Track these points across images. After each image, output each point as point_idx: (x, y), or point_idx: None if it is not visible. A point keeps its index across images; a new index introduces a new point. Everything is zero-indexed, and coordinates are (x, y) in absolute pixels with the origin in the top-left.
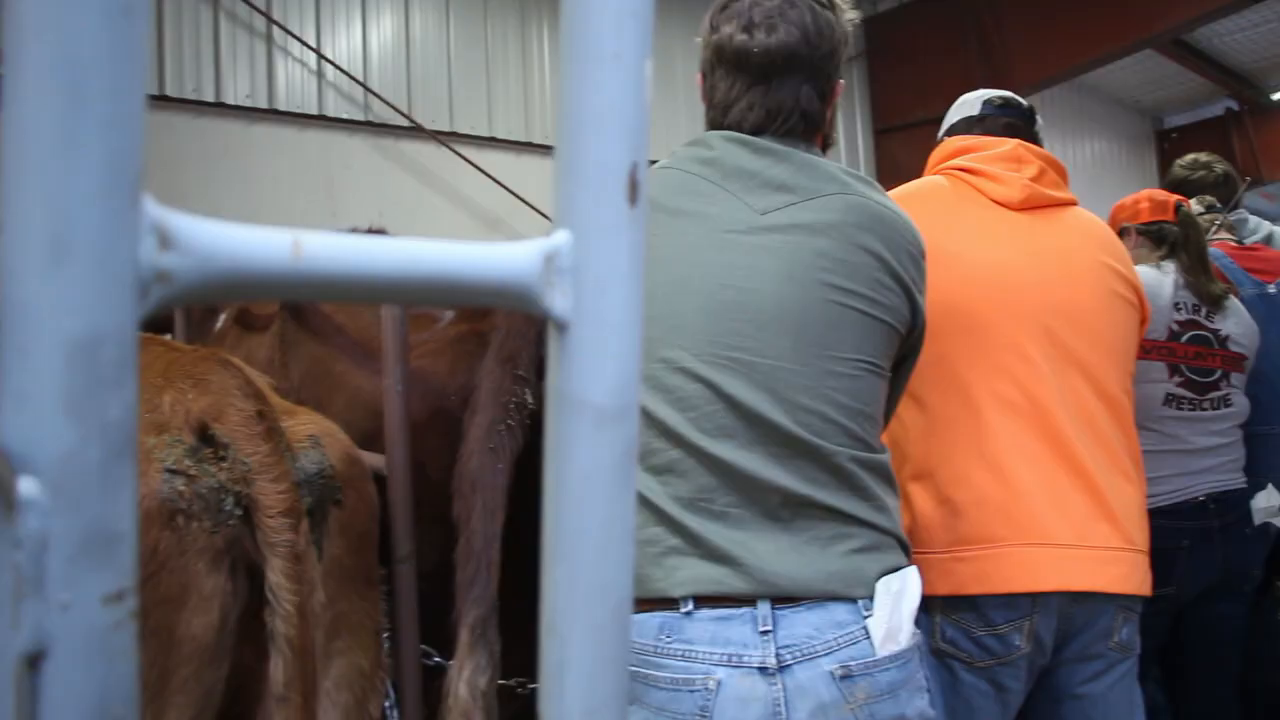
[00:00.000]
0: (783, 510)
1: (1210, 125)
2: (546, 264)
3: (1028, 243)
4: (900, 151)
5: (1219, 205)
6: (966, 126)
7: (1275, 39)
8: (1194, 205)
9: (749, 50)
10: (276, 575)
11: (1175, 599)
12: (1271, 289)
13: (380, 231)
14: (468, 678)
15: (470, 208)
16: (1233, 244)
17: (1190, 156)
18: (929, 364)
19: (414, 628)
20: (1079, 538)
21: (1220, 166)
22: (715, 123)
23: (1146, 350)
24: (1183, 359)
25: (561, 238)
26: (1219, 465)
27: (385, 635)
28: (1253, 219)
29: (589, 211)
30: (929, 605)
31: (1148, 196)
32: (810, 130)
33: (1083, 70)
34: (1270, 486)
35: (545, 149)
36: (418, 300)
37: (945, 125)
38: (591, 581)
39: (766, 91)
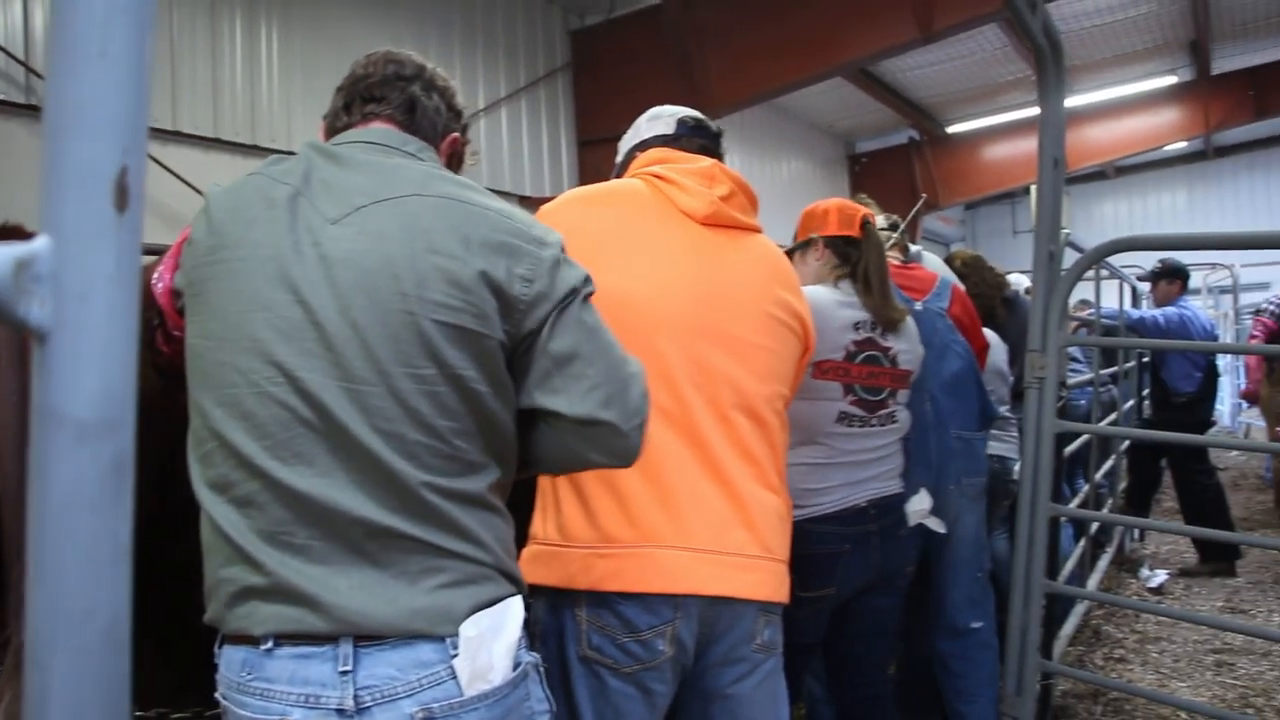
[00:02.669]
0: (368, 543)
1: (896, 152)
2: (19, 271)
3: (702, 257)
4: (604, 163)
5: (901, 224)
6: (662, 144)
7: (949, 77)
8: (881, 220)
9: (375, 71)
10: None
11: (835, 597)
12: (918, 306)
13: (15, 230)
14: (5, 707)
15: (152, 206)
16: (895, 262)
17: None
18: None
19: None
20: (717, 543)
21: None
22: (331, 129)
23: (824, 371)
24: (857, 379)
25: (40, 243)
26: (881, 474)
27: None
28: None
29: (72, 216)
30: (574, 608)
31: (838, 208)
32: (411, 119)
33: (779, 93)
34: (922, 491)
35: (236, 146)
36: None
37: (636, 138)
38: (76, 605)
39: (377, 90)
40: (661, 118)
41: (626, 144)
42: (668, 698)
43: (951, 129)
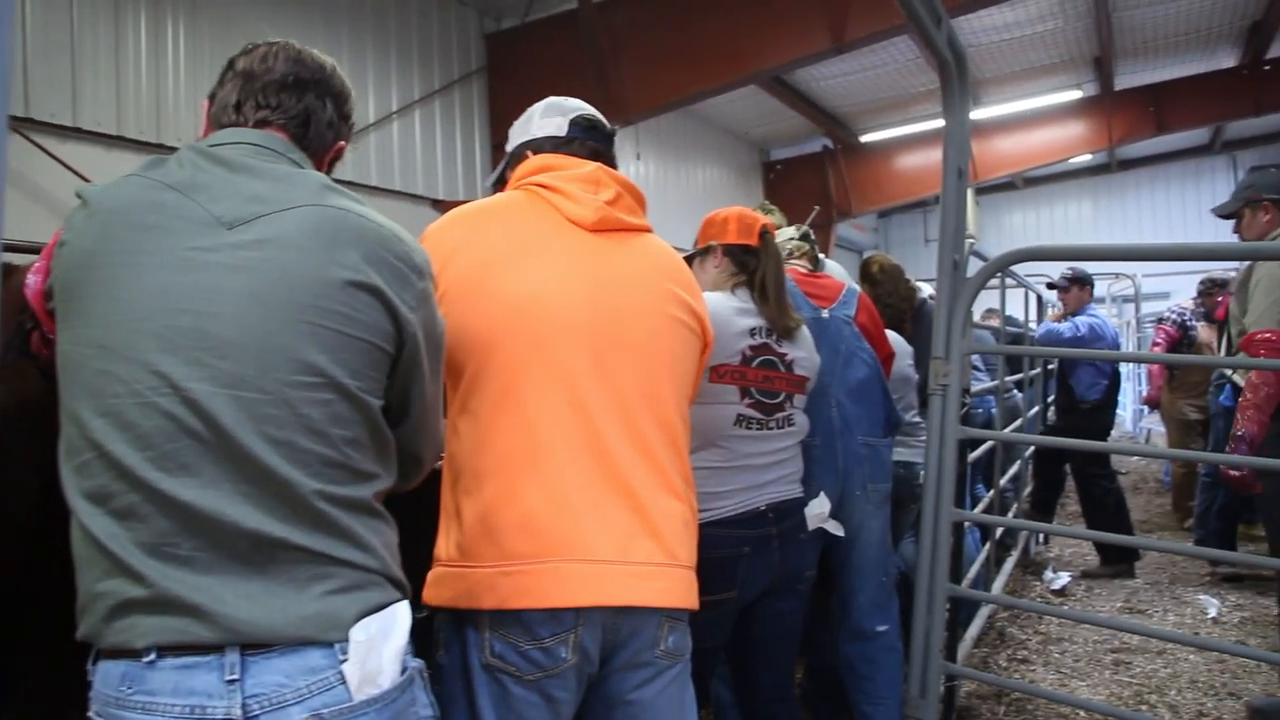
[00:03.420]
0: (255, 553)
1: (810, 160)
2: None
3: (594, 264)
4: None
5: (812, 236)
6: (553, 146)
7: (862, 87)
8: (792, 231)
9: (274, 70)
10: None
11: (737, 601)
12: (825, 314)
13: None
14: None
15: (51, 204)
16: (802, 270)
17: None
18: (485, 378)
19: None
20: (621, 554)
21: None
22: (216, 122)
23: (721, 375)
24: (753, 382)
25: None
26: (780, 478)
27: None
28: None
29: None
30: (477, 620)
31: (737, 216)
32: (304, 133)
33: (693, 100)
34: (821, 495)
35: (140, 144)
36: None
37: (528, 134)
38: None
39: (273, 95)
40: (556, 114)
41: (518, 136)
42: (572, 705)
43: (864, 138)
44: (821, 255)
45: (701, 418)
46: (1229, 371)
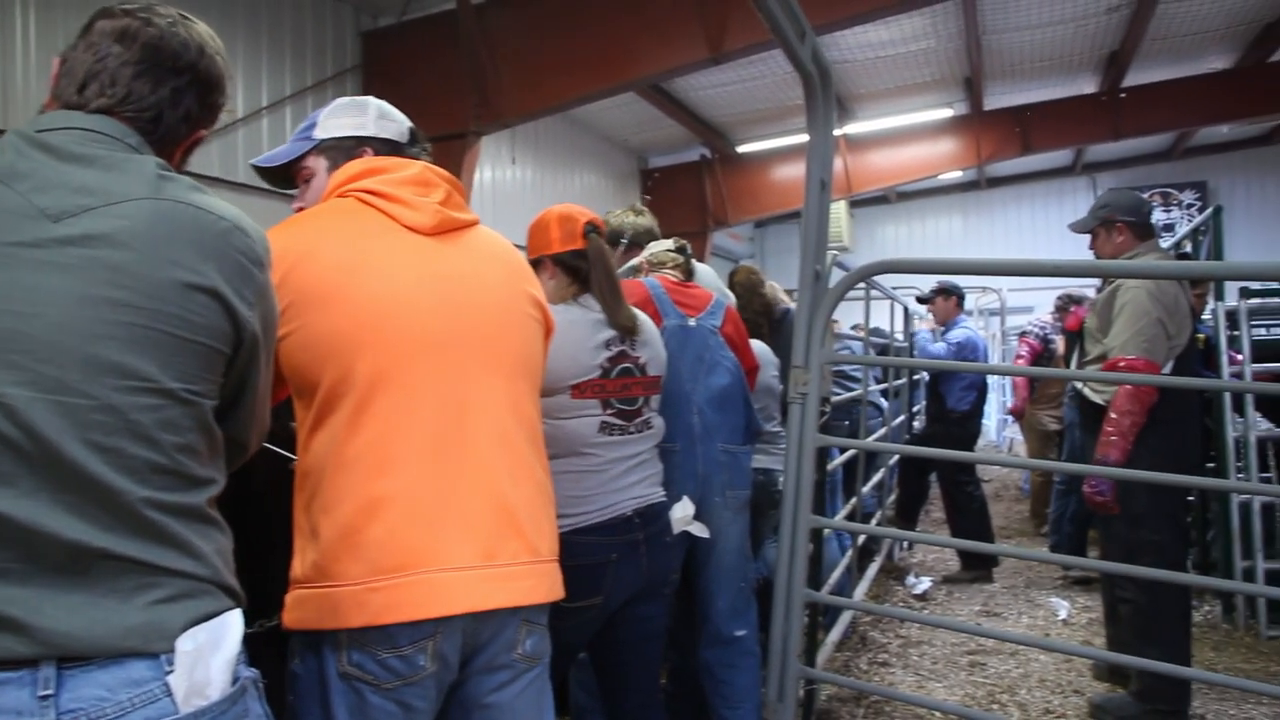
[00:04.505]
0: (74, 564)
1: (688, 169)
2: None
3: (441, 269)
4: None
5: (688, 248)
6: (390, 150)
7: (740, 97)
8: (669, 243)
9: (130, 55)
10: None
11: (604, 606)
12: (692, 322)
13: None
14: None
15: None
16: (673, 279)
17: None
18: (340, 393)
19: None
20: (486, 557)
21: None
22: (57, 97)
23: (583, 390)
24: (613, 393)
25: None
26: (642, 480)
27: None
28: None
29: None
30: (335, 631)
31: (558, 222)
32: (154, 128)
33: (570, 105)
34: (685, 498)
35: None
36: None
37: (364, 129)
38: None
39: (123, 84)
40: (392, 120)
41: (349, 127)
42: (429, 715)
43: (742, 148)
44: (695, 262)
45: (566, 431)
46: (1080, 384)
